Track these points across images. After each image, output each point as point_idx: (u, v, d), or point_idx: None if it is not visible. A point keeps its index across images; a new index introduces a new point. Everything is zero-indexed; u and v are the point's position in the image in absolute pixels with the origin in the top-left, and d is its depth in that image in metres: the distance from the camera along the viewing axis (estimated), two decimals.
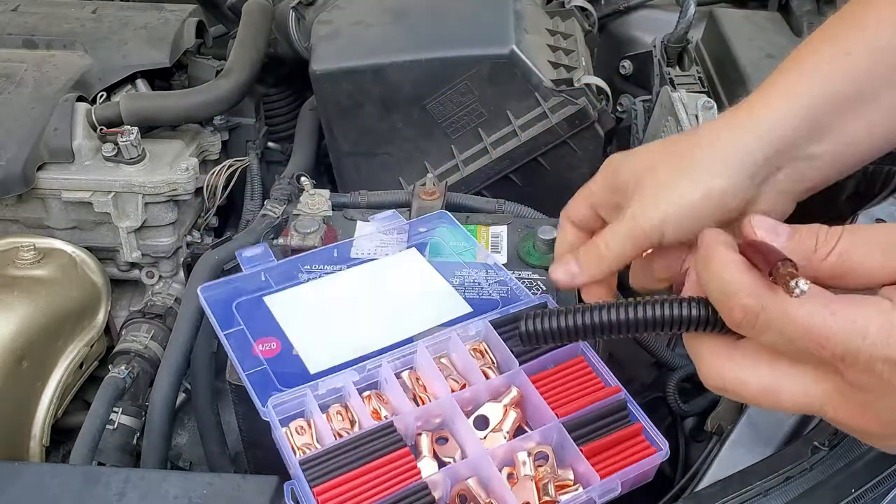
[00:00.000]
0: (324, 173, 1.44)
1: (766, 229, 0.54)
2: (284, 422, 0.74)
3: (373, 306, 0.89)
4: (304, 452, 0.71)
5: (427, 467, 0.71)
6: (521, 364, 0.78)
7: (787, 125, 0.62)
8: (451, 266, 0.94)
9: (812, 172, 0.64)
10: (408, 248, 0.98)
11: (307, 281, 0.92)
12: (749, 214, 0.56)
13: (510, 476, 0.71)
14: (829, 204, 1.39)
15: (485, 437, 0.74)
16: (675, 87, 1.26)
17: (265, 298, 0.88)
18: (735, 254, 0.54)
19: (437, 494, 0.68)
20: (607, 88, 1.28)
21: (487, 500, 0.69)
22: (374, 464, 0.69)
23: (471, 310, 0.87)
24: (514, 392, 0.77)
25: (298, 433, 0.73)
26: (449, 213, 1.00)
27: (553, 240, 0.99)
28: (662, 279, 0.71)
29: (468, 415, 0.75)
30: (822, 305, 0.50)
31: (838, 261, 0.52)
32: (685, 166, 0.64)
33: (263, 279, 0.90)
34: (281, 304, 0.88)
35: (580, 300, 0.97)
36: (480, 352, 0.81)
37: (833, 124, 0.62)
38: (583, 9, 1.45)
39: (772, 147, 0.62)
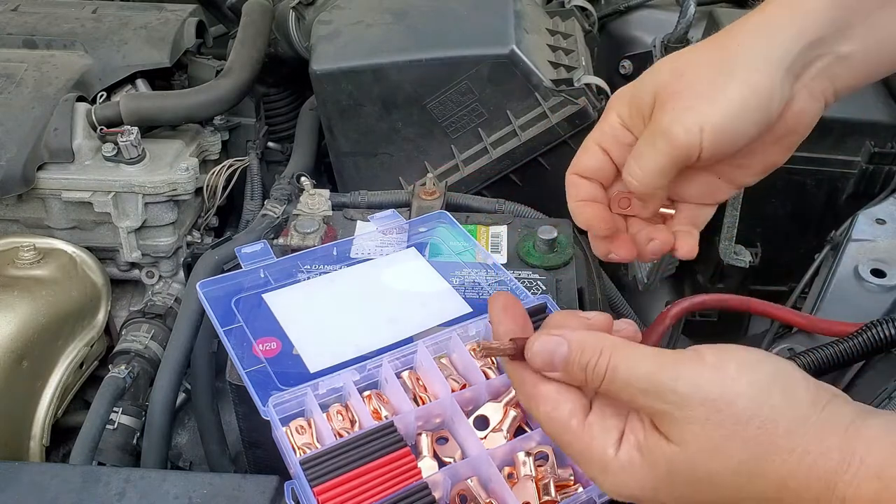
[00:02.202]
0: (324, 173, 1.44)
1: (544, 363, 0.56)
2: (285, 421, 0.74)
3: (372, 306, 0.89)
4: (304, 452, 0.71)
5: (427, 467, 0.71)
6: None
7: (820, 20, 0.59)
8: (450, 266, 0.94)
9: (844, 72, 0.62)
10: (407, 247, 0.98)
11: (306, 279, 0.92)
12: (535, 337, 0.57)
13: (510, 476, 0.71)
14: (830, 204, 1.39)
15: (485, 437, 0.73)
16: None
17: (265, 296, 0.88)
18: None
19: (437, 494, 0.68)
20: (607, 88, 1.28)
21: (487, 501, 0.69)
22: (375, 463, 0.69)
23: (471, 310, 0.87)
24: (514, 392, 0.76)
25: (298, 433, 0.73)
26: (448, 213, 1.00)
27: (553, 240, 0.99)
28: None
29: (468, 415, 0.75)
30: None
31: (605, 395, 0.55)
32: (722, 66, 0.59)
33: (263, 277, 0.90)
34: (280, 302, 0.88)
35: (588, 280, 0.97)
36: None
37: (861, 21, 0.60)
38: (583, 9, 1.45)
39: (806, 40, 0.59)
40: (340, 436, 0.72)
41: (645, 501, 0.53)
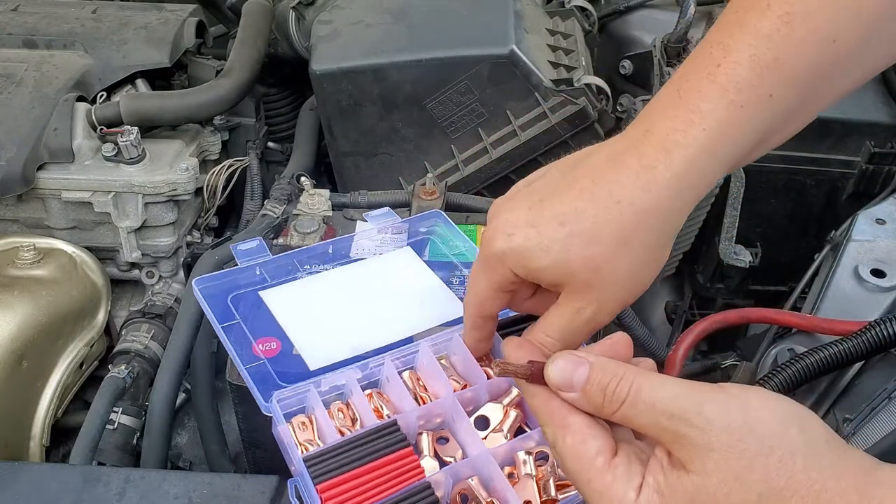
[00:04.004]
0: (324, 173, 1.44)
1: (563, 381, 0.56)
2: (286, 418, 0.74)
3: (371, 305, 0.89)
4: (305, 449, 0.71)
5: (428, 467, 0.71)
6: None
7: (711, 179, 0.59)
8: (450, 266, 0.94)
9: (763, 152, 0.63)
10: (406, 246, 0.97)
11: (303, 276, 0.92)
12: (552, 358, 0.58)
13: (511, 475, 0.71)
14: (829, 204, 1.39)
15: (485, 437, 0.73)
16: None
17: (261, 293, 0.88)
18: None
19: (438, 494, 0.68)
20: (607, 88, 1.28)
21: (489, 500, 0.69)
22: (378, 462, 0.69)
23: None
24: (514, 392, 0.76)
25: (300, 429, 0.73)
26: (443, 213, 1.00)
27: None
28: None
29: (469, 415, 0.75)
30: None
31: (622, 420, 0.54)
32: (631, 259, 0.59)
33: (259, 274, 0.90)
34: (277, 300, 0.88)
35: None
36: None
37: (764, 148, 0.62)
38: (583, 9, 1.45)
39: (700, 195, 0.60)
40: (342, 433, 0.72)
41: None
